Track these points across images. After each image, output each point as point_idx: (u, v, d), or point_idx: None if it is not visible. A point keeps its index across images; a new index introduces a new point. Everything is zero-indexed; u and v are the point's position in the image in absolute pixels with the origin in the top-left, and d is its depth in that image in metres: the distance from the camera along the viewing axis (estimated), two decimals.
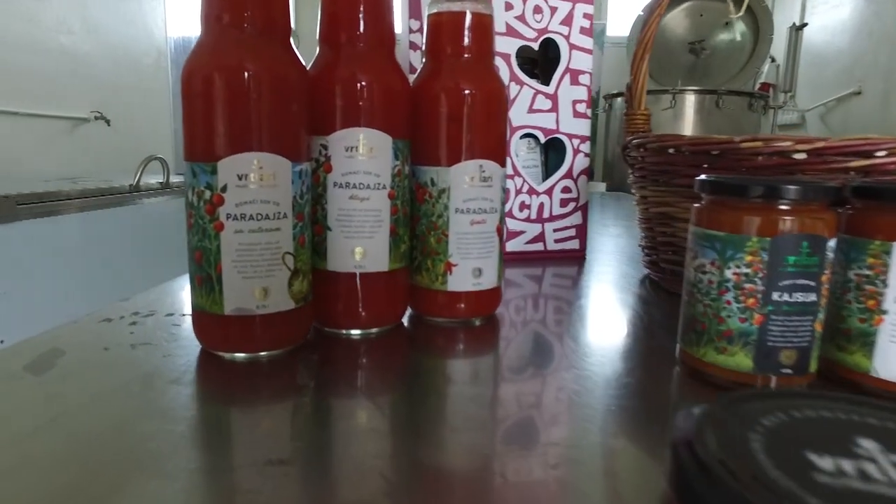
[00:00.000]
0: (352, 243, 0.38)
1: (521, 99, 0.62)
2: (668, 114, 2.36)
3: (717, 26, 2.57)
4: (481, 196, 0.40)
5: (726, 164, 0.43)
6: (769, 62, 2.56)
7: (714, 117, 2.32)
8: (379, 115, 0.37)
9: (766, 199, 0.29)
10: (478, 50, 0.40)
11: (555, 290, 0.56)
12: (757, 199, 0.29)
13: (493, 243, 0.41)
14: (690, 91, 2.31)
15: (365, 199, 0.37)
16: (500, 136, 0.41)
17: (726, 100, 2.27)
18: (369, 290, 0.39)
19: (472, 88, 0.39)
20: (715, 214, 0.31)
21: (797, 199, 0.29)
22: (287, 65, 0.34)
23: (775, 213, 0.29)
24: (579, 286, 0.58)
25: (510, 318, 0.45)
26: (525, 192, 0.63)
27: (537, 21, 0.62)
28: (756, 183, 0.29)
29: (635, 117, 0.56)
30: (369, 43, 0.37)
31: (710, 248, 0.31)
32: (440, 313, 0.42)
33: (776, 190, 0.29)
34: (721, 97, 2.27)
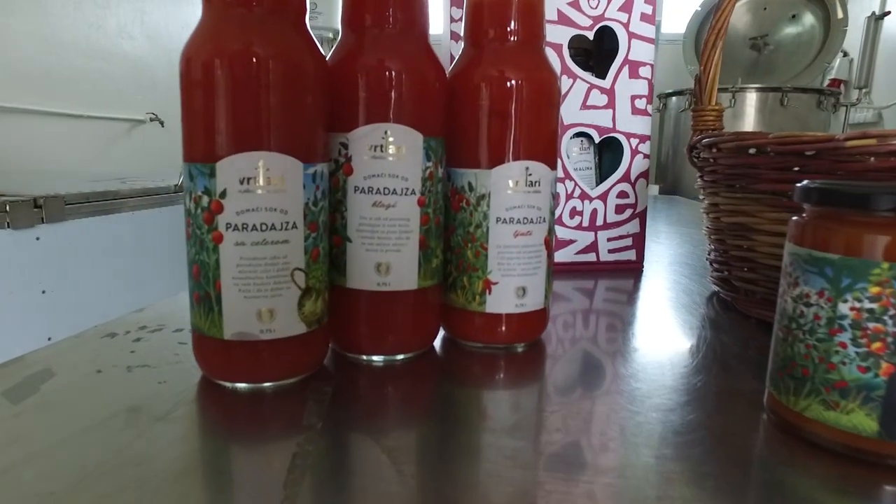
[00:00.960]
0: (375, 257, 0.33)
1: (573, 94, 0.56)
2: (727, 114, 2.23)
3: (782, 19, 2.41)
4: (527, 203, 0.34)
5: (823, 167, 0.35)
6: (840, 56, 2.38)
7: (777, 116, 2.17)
8: (408, 108, 0.32)
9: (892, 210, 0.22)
10: (526, 34, 0.35)
11: (608, 307, 0.50)
12: (888, 213, 0.22)
13: (541, 258, 0.35)
14: (752, 89, 2.17)
15: (390, 206, 0.32)
16: (550, 133, 0.35)
17: (792, 97, 2.12)
18: (395, 310, 0.34)
19: (518, 78, 0.33)
20: (826, 232, 0.24)
21: None
22: (300, 50, 0.29)
23: None
24: (636, 304, 0.51)
25: (557, 339, 0.39)
26: (577, 196, 0.57)
27: (593, 7, 0.55)
28: (884, 189, 0.22)
29: (705, 113, 0.49)
30: (399, 26, 0.32)
31: (819, 274, 0.24)
32: (477, 338, 0.36)
33: None
34: (786, 95, 2.12)
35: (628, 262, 0.59)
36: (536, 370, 0.36)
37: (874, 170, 0.33)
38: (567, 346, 0.39)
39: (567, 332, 0.43)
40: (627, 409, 0.29)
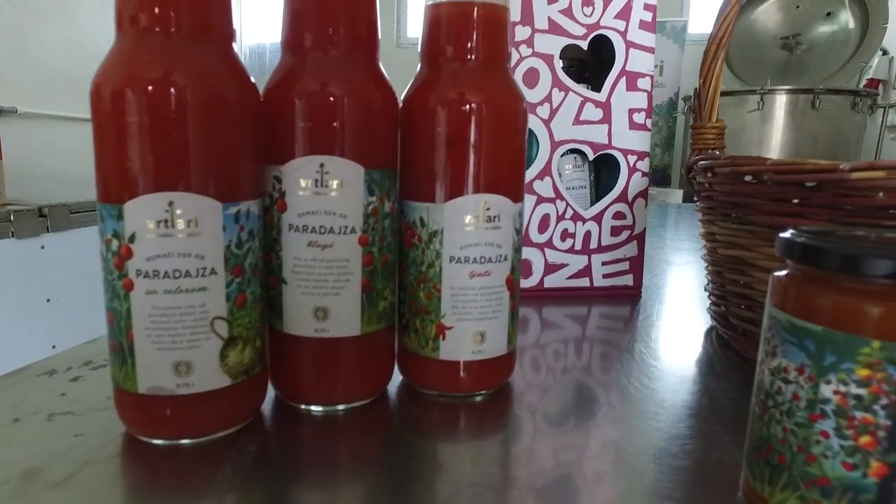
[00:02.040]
0: (312, 301, 0.30)
1: (565, 108, 0.52)
2: (754, 116, 2.14)
3: (816, 18, 2.31)
4: (485, 241, 0.31)
5: (825, 201, 0.31)
6: (879, 55, 2.27)
7: (809, 120, 2.08)
8: (348, 138, 0.28)
9: (890, 276, 0.18)
10: (487, 52, 0.31)
11: (599, 335, 0.46)
12: (886, 280, 0.18)
13: (502, 301, 0.32)
14: (782, 91, 2.08)
15: (327, 245, 0.29)
16: (514, 163, 0.32)
17: (824, 99, 2.03)
18: (336, 358, 0.31)
19: (475, 101, 0.30)
20: (809, 296, 0.20)
21: None
22: (220, 78, 0.26)
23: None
24: (626, 337, 0.47)
25: (527, 383, 0.36)
26: (568, 218, 0.53)
27: (587, 15, 0.51)
28: (882, 251, 0.18)
29: (704, 131, 0.45)
30: (342, 48, 0.29)
31: (799, 346, 0.20)
32: (432, 385, 0.33)
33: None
34: (818, 97, 2.03)
35: (625, 287, 0.55)
36: (499, 421, 0.32)
37: (883, 207, 0.29)
38: (537, 395, 0.35)
39: (540, 373, 0.39)
40: (594, 474, 0.26)
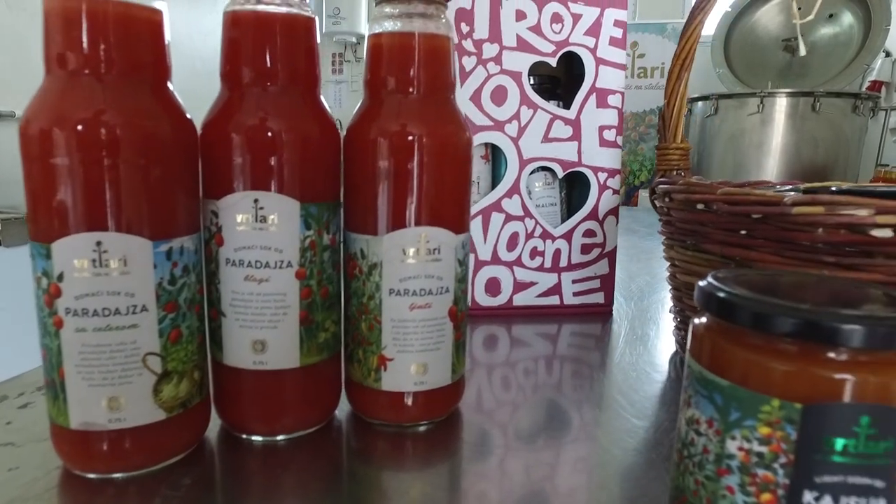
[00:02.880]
0: (250, 334, 0.30)
1: (534, 125, 0.51)
2: (754, 119, 2.13)
3: (818, 19, 2.29)
4: (424, 273, 0.31)
5: (771, 235, 0.31)
6: (882, 57, 2.24)
7: (809, 123, 2.06)
8: (283, 174, 0.28)
9: (800, 337, 0.18)
10: (430, 83, 0.31)
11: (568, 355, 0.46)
12: (788, 338, 0.18)
13: (444, 332, 0.32)
14: (782, 94, 2.06)
15: (264, 280, 0.29)
16: (456, 194, 0.31)
17: (825, 102, 2.01)
18: (274, 390, 0.30)
19: (415, 133, 0.30)
20: (718, 349, 0.20)
21: (861, 344, 0.17)
22: (149, 117, 0.26)
23: (816, 363, 0.18)
24: (594, 357, 0.47)
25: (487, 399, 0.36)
26: (538, 236, 0.53)
27: (556, 32, 0.51)
28: (788, 310, 0.18)
29: (668, 153, 0.45)
30: (280, 83, 0.29)
31: (709, 400, 0.20)
32: (375, 415, 0.33)
33: (820, 327, 0.18)
34: (819, 99, 2.01)
35: (596, 305, 0.55)
36: (447, 449, 0.32)
37: (823, 242, 0.28)
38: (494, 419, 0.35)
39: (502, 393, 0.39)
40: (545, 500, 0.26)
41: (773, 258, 0.31)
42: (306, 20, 0.30)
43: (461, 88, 0.50)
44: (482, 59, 0.50)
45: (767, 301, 0.19)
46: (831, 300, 0.20)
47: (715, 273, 0.22)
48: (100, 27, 0.25)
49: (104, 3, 0.25)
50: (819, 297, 0.20)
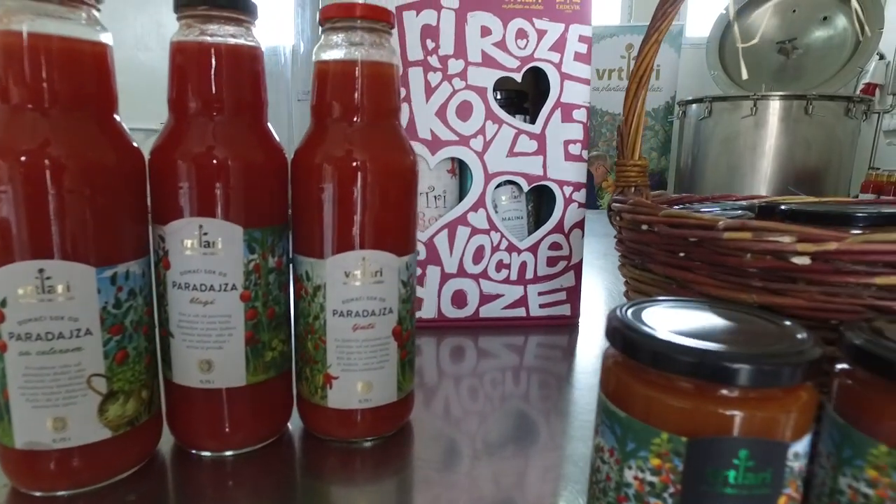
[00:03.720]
0: (197, 354, 0.30)
1: (499, 140, 0.52)
2: (748, 122, 2.13)
3: (812, 22, 2.29)
4: (367, 295, 0.31)
5: (706, 258, 0.32)
6: (876, 59, 2.24)
7: (802, 126, 2.07)
8: (227, 200, 0.29)
9: (690, 375, 0.19)
10: (374, 110, 0.32)
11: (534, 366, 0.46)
12: (678, 376, 0.19)
13: (388, 351, 0.33)
14: (775, 97, 2.06)
15: (209, 302, 0.30)
16: (399, 218, 0.32)
17: (818, 105, 2.01)
18: (221, 407, 0.31)
19: (358, 159, 0.31)
20: (618, 382, 0.21)
21: (743, 383, 0.18)
22: (93, 148, 0.27)
23: (701, 400, 0.19)
24: (560, 368, 0.48)
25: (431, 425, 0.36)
26: (503, 249, 0.54)
27: (521, 47, 0.52)
28: (680, 350, 0.19)
29: (626, 169, 0.45)
30: (226, 113, 0.30)
31: (611, 430, 0.21)
32: (323, 431, 0.34)
33: (705, 367, 0.18)
34: (812, 102, 2.01)
35: (562, 317, 0.55)
36: (395, 464, 0.33)
37: (752, 267, 0.29)
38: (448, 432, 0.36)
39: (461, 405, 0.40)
40: None
41: (708, 281, 0.32)
42: (251, 50, 0.30)
43: (427, 104, 0.51)
44: (447, 74, 0.51)
45: (662, 340, 0.20)
46: (729, 336, 0.21)
47: (622, 306, 0.23)
48: (44, 62, 0.26)
49: (48, 39, 0.26)
50: (717, 334, 0.21)
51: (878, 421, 0.19)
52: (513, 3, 0.51)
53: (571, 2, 0.52)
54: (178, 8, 0.29)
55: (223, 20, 0.29)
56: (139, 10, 1.98)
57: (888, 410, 0.19)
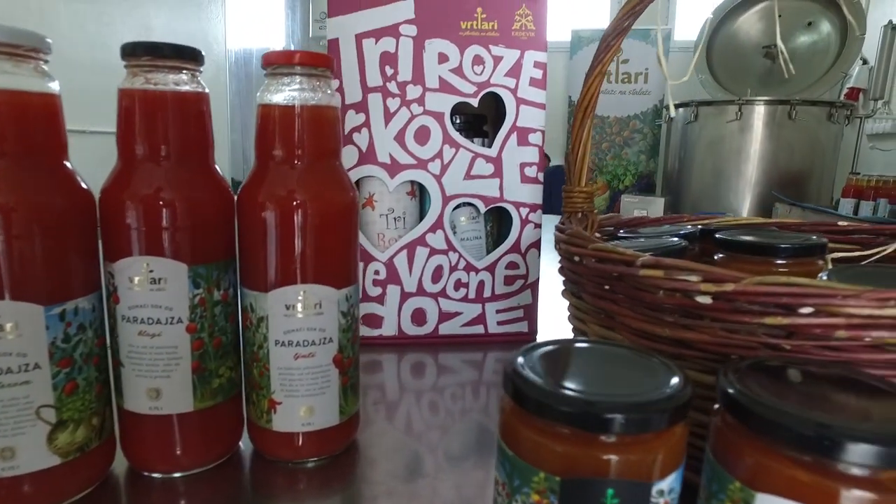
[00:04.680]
0: (145, 382, 0.32)
1: (456, 164, 0.54)
2: (733, 127, 2.15)
3: (797, 27, 2.31)
4: (307, 326, 0.33)
5: (627, 293, 0.33)
6: (860, 64, 2.27)
7: (786, 130, 2.09)
8: (172, 240, 0.31)
9: (558, 421, 0.21)
10: (315, 151, 0.34)
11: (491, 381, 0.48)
12: (546, 420, 0.21)
13: (329, 378, 0.35)
14: (759, 101, 2.08)
15: (156, 335, 0.32)
16: (338, 253, 0.34)
17: (801, 110, 2.04)
18: (169, 432, 0.33)
19: (296, 199, 0.33)
20: (507, 423, 0.23)
21: (610, 430, 0.20)
22: (42, 193, 0.29)
23: (570, 443, 0.20)
24: None
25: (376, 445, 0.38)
26: (461, 268, 0.56)
27: (477, 73, 0.53)
28: (554, 397, 0.21)
29: (573, 195, 0.47)
30: (173, 157, 0.32)
31: (503, 465, 0.23)
32: (269, 452, 0.36)
33: (573, 415, 0.20)
34: (795, 107, 2.03)
35: (519, 333, 0.57)
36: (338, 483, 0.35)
37: (664, 303, 0.31)
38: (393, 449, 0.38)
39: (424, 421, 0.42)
40: None
41: (629, 313, 0.34)
42: (195, 96, 0.32)
43: (386, 128, 0.53)
44: (406, 100, 0.53)
45: (542, 390, 0.21)
46: (607, 383, 0.22)
47: (525, 349, 0.25)
48: None
49: None
50: (597, 381, 0.23)
51: (736, 459, 0.21)
52: (469, 31, 0.53)
53: (526, 29, 0.54)
54: (123, 56, 0.31)
55: (167, 69, 0.31)
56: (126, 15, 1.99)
57: (744, 450, 0.21)
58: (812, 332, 0.27)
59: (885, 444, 0.18)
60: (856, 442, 0.19)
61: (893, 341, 0.26)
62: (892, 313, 0.25)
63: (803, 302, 0.26)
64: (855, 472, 0.19)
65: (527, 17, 0.53)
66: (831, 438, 0.19)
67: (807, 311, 0.27)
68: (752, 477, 0.20)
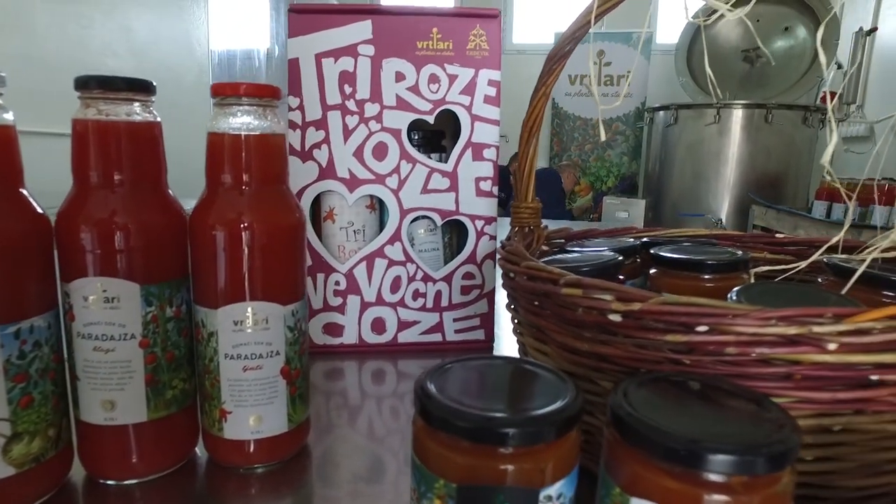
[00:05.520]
0: (100, 395, 0.34)
1: (413, 179, 0.56)
2: (711, 130, 2.19)
3: (775, 32, 2.35)
4: (255, 341, 0.36)
5: (553, 309, 0.36)
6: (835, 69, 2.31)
7: (763, 133, 2.13)
8: (125, 262, 0.33)
9: (455, 434, 0.23)
10: (263, 176, 0.36)
11: None
12: (444, 433, 0.23)
13: (277, 388, 0.37)
14: (737, 105, 2.12)
15: (110, 350, 0.34)
16: (284, 271, 0.36)
17: (777, 114, 2.08)
18: (124, 441, 0.35)
19: (243, 222, 0.35)
20: (417, 437, 0.25)
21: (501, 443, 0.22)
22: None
23: (466, 454, 0.23)
24: None
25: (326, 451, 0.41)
26: (419, 279, 0.58)
27: (433, 91, 0.56)
28: (451, 412, 0.23)
29: (520, 211, 0.50)
30: (126, 180, 0.34)
31: (413, 473, 0.25)
32: (221, 459, 0.38)
33: (468, 430, 0.23)
34: (771, 111, 2.07)
35: (476, 341, 0.60)
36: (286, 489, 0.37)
37: (584, 320, 0.33)
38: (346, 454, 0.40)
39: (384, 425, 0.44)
40: None
41: (555, 329, 0.36)
42: (147, 126, 0.34)
43: (345, 145, 0.55)
44: (364, 117, 0.55)
45: (442, 405, 0.24)
46: (504, 398, 0.25)
47: (429, 371, 0.27)
48: None
49: None
50: (495, 396, 0.25)
51: (617, 467, 0.23)
52: (425, 50, 0.55)
53: (481, 48, 0.56)
54: (76, 88, 0.33)
55: (119, 100, 0.33)
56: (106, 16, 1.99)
57: (623, 460, 0.23)
58: (707, 348, 0.29)
59: (733, 453, 0.21)
60: (711, 453, 0.21)
61: (776, 356, 0.28)
62: (774, 331, 0.28)
63: (699, 321, 0.29)
64: (712, 479, 0.22)
65: (481, 37, 0.56)
66: (690, 451, 0.21)
67: (702, 329, 0.29)
68: (629, 483, 0.23)
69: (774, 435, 0.22)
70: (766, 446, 0.21)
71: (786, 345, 0.28)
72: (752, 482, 0.22)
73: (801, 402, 0.30)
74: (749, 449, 0.21)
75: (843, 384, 0.29)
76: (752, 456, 0.21)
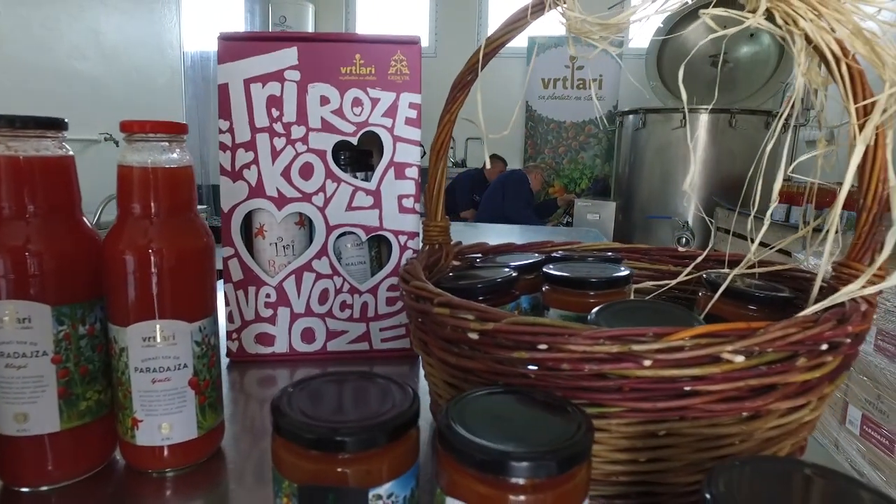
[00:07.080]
0: (13, 408, 0.38)
1: (338, 196, 0.60)
2: (678, 134, 2.24)
3: (741, 38, 2.41)
4: (162, 355, 0.39)
5: (430, 328, 0.40)
6: None
7: (727, 137, 2.18)
8: (37, 285, 0.36)
9: (297, 443, 0.27)
10: (170, 205, 0.39)
11: None
12: (288, 441, 0.27)
13: (185, 398, 0.40)
14: (703, 110, 2.17)
15: (22, 366, 0.37)
16: (189, 293, 0.40)
17: (741, 119, 2.13)
18: (38, 450, 0.39)
19: (152, 248, 0.38)
20: (273, 444, 0.29)
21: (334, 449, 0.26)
22: None
23: (304, 459, 0.27)
24: None
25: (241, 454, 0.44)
26: (346, 291, 0.62)
27: (356, 114, 0.59)
28: (294, 423, 0.27)
29: (430, 229, 0.53)
30: (38, 211, 0.37)
31: (272, 476, 0.29)
32: (136, 464, 0.41)
33: (312, 440, 0.26)
34: (735, 116, 2.13)
35: (402, 349, 0.64)
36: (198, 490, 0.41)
37: (452, 337, 0.37)
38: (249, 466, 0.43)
39: None
40: None
41: (434, 342, 0.40)
42: (58, 159, 0.38)
43: (273, 165, 0.58)
44: (291, 139, 0.58)
45: (286, 416, 0.27)
46: (347, 409, 0.29)
47: (285, 388, 0.30)
48: None
49: None
50: (340, 408, 0.29)
51: (441, 473, 0.27)
52: (349, 75, 0.59)
53: (402, 73, 0.59)
54: None
55: (29, 137, 0.36)
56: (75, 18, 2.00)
57: (443, 466, 0.27)
58: (547, 364, 0.33)
59: (527, 460, 0.25)
60: (511, 461, 0.25)
61: (605, 371, 0.32)
62: (601, 349, 0.32)
63: (539, 340, 0.33)
64: (512, 482, 0.25)
65: (402, 63, 0.59)
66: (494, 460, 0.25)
67: (543, 347, 0.33)
68: (447, 486, 0.27)
69: (568, 440, 0.26)
70: (557, 451, 0.25)
71: (612, 361, 0.32)
72: (546, 483, 0.25)
73: (631, 410, 0.34)
74: (540, 455, 0.25)
75: (663, 395, 0.33)
76: (544, 461, 0.25)
